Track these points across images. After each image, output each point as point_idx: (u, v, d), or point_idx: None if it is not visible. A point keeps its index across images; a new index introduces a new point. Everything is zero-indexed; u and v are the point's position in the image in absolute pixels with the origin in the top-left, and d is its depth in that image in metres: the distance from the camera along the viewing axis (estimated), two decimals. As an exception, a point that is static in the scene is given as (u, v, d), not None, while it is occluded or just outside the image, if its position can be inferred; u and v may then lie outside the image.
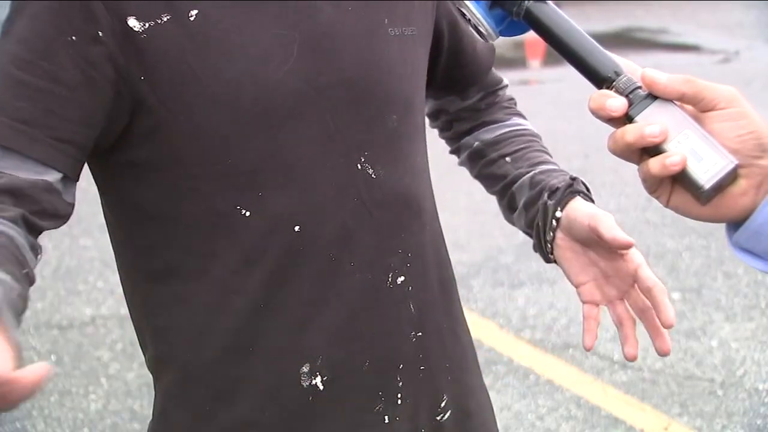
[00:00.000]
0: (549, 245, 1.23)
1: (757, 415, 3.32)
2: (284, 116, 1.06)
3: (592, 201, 1.23)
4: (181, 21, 1.02)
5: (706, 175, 0.85)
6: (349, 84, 1.10)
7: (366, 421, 1.16)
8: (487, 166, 1.33)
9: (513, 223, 1.33)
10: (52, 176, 1.03)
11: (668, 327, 1.15)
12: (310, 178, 1.09)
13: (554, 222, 1.21)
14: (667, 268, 4.57)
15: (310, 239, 1.09)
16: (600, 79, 0.90)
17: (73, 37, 1.00)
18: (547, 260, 1.27)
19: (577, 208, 1.20)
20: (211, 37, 1.03)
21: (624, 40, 11.15)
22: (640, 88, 0.88)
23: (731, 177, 0.86)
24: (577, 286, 1.22)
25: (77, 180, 1.07)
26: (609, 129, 0.90)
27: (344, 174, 1.10)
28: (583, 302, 1.22)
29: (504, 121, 1.37)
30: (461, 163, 1.40)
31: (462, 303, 1.30)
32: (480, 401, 1.30)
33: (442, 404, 1.23)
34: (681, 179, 0.86)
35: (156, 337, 1.16)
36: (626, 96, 0.88)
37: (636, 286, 1.18)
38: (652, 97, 0.87)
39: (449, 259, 1.28)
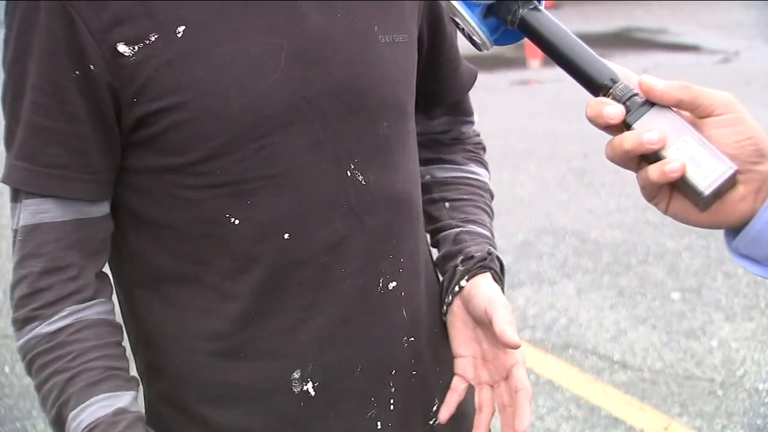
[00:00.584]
0: (445, 307, 1.23)
1: (757, 415, 3.32)
2: (274, 126, 1.06)
3: (501, 280, 1.23)
4: (169, 39, 1.02)
5: (705, 182, 0.85)
6: (339, 92, 1.10)
7: (358, 427, 1.17)
8: (427, 204, 1.32)
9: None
10: (96, 207, 1.08)
11: None
12: (300, 186, 1.09)
13: (457, 288, 1.22)
14: (667, 268, 4.58)
15: (300, 246, 1.10)
16: (596, 87, 0.90)
17: (77, 72, 1.02)
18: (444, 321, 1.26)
19: (480, 286, 1.20)
20: (199, 51, 1.03)
21: (624, 40, 11.14)
22: (636, 95, 0.88)
23: (730, 183, 0.86)
24: (455, 357, 1.22)
25: (111, 196, 1.11)
26: (609, 130, 0.90)
27: (334, 181, 1.10)
28: (455, 374, 1.21)
29: (460, 164, 1.36)
30: None
31: (462, 303, 1.31)
32: (472, 404, 1.31)
33: (434, 408, 1.23)
34: (680, 186, 0.86)
35: (148, 342, 1.16)
36: (623, 103, 0.88)
37: (507, 380, 1.17)
38: (650, 103, 0.87)
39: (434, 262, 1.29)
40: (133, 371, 1.15)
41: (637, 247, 4.86)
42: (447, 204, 1.32)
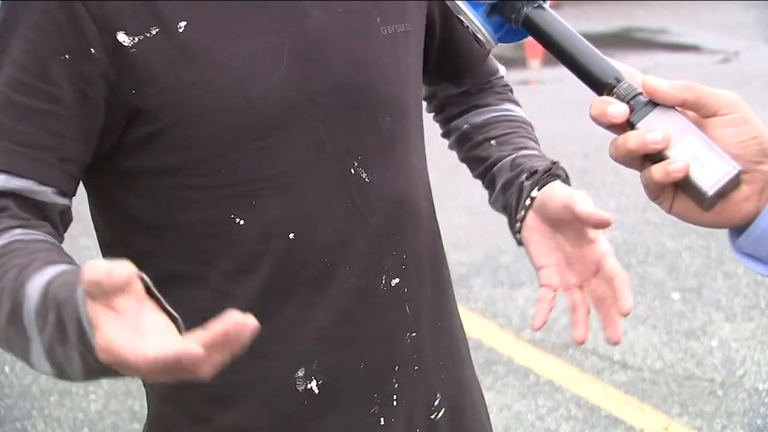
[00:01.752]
0: (518, 224, 1.22)
1: (757, 415, 3.32)
2: (275, 125, 1.06)
3: (569, 185, 1.22)
4: (170, 33, 1.02)
5: (709, 182, 0.85)
6: (340, 90, 1.09)
7: (362, 424, 1.16)
8: (472, 149, 1.33)
9: (494, 208, 1.32)
10: (57, 198, 1.05)
11: (624, 314, 1.12)
12: (303, 185, 1.08)
13: (528, 201, 1.21)
14: (667, 268, 4.58)
15: (304, 245, 1.09)
16: (600, 86, 0.90)
17: (67, 56, 1.00)
18: (519, 243, 1.25)
19: (553, 190, 1.19)
20: (199, 48, 1.03)
21: (624, 40, 11.13)
22: (641, 94, 0.88)
23: (734, 183, 0.86)
24: (538, 269, 1.21)
25: (74, 195, 1.08)
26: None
27: (337, 179, 1.10)
28: (541, 285, 1.20)
29: (494, 105, 1.37)
30: (450, 147, 1.40)
31: (462, 303, 1.31)
32: (474, 397, 1.31)
33: (436, 403, 1.23)
34: (684, 185, 0.86)
35: None
36: (627, 102, 0.88)
37: (598, 274, 1.17)
38: (653, 103, 0.87)
39: (445, 257, 1.28)
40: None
41: (637, 247, 4.86)
42: (493, 142, 1.32)
